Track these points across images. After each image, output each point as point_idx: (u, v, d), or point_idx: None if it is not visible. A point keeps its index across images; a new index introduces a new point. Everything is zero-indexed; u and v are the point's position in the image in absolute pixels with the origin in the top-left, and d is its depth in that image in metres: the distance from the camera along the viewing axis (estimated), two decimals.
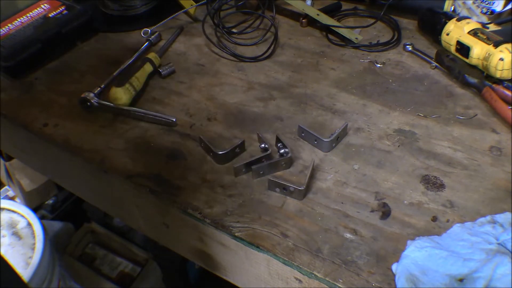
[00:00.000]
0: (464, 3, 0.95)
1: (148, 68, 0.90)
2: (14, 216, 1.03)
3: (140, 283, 1.33)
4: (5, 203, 1.05)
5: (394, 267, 0.58)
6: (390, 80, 0.88)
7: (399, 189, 0.68)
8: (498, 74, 0.79)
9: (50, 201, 1.47)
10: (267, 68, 0.93)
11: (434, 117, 0.79)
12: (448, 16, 0.90)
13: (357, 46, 0.96)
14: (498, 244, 0.58)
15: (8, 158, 1.31)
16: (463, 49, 0.85)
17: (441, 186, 0.68)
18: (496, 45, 0.80)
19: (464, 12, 0.96)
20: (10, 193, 1.46)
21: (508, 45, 0.79)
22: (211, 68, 0.94)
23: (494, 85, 0.80)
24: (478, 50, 0.82)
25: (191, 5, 1.05)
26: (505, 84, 0.80)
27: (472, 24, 0.86)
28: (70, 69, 0.96)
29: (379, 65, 0.91)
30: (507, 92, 0.79)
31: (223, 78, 0.91)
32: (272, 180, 0.68)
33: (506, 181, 0.68)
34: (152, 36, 1.00)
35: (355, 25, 1.02)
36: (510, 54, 0.78)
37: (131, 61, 0.94)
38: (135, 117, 0.83)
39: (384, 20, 1.02)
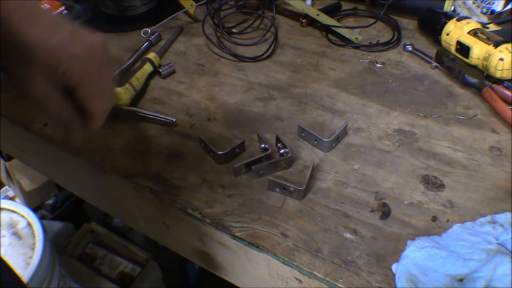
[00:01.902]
0: (464, 3, 0.95)
1: (148, 68, 0.90)
2: (14, 216, 1.03)
3: (140, 283, 1.33)
4: (5, 203, 1.05)
5: (394, 267, 0.58)
6: (390, 80, 0.88)
7: (399, 189, 0.68)
8: (498, 74, 0.79)
9: (50, 201, 1.47)
10: (267, 68, 0.93)
11: (434, 117, 0.79)
12: (448, 16, 0.90)
13: (357, 46, 0.96)
14: (498, 244, 0.58)
15: (8, 158, 1.31)
16: (463, 49, 0.85)
17: (441, 186, 0.68)
18: (496, 45, 0.80)
19: (464, 12, 0.96)
20: (10, 193, 1.46)
21: (508, 45, 0.79)
22: (211, 68, 0.94)
23: (494, 85, 0.80)
24: (478, 50, 0.82)
25: (191, 5, 1.05)
26: (505, 84, 0.80)
27: (472, 24, 0.86)
28: None
29: (379, 65, 0.91)
30: (507, 92, 0.79)
31: (223, 78, 0.91)
32: (272, 180, 0.68)
33: (506, 181, 0.68)
34: (152, 36, 1.00)
35: (355, 25, 1.02)
36: (510, 54, 0.78)
37: (131, 61, 0.94)
38: (135, 117, 0.83)
39: (384, 20, 1.02)
